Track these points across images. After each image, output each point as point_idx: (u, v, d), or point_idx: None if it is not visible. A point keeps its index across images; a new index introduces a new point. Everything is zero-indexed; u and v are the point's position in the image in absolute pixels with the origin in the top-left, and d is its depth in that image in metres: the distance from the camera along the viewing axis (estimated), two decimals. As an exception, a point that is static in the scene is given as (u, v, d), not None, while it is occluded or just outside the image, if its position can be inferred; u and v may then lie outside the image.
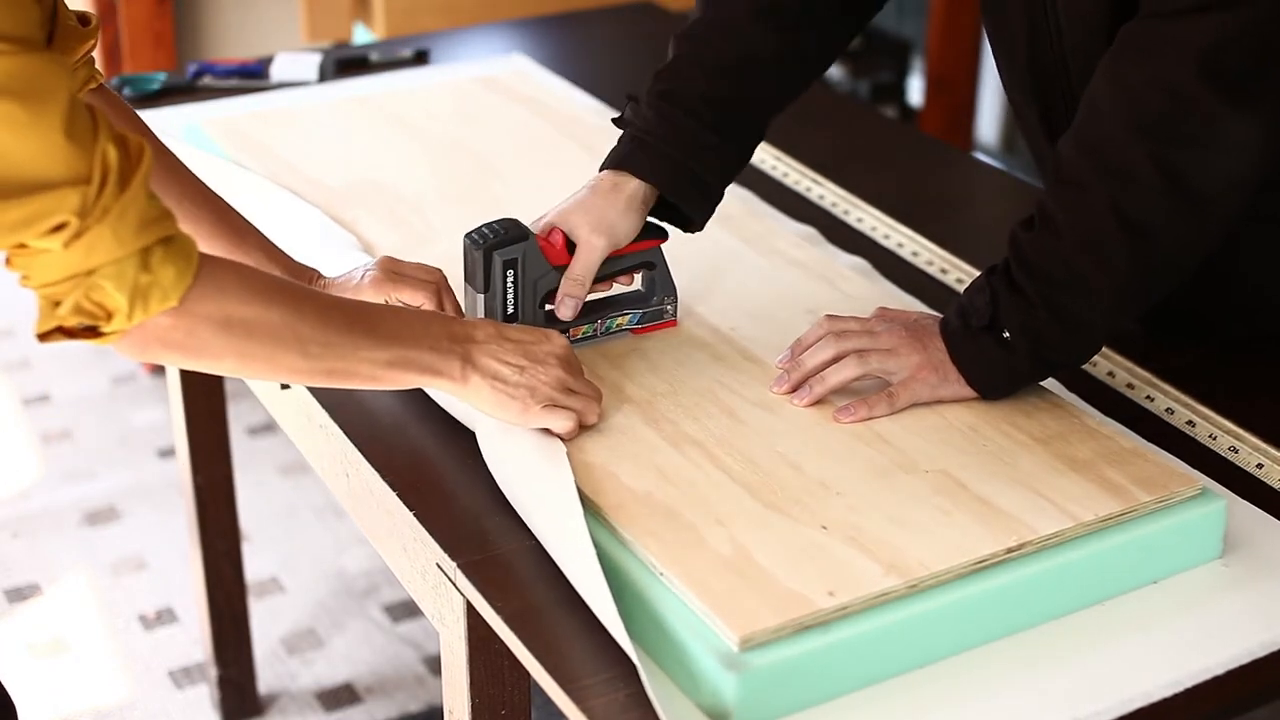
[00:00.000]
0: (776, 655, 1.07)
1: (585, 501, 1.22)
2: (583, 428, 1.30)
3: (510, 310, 1.40)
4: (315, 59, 2.15)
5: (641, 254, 1.45)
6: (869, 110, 2.55)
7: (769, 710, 1.07)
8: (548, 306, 1.43)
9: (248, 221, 1.44)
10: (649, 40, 2.41)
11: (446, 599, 1.26)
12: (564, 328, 1.44)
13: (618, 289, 1.49)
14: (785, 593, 1.11)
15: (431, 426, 1.38)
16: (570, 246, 1.41)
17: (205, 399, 2.06)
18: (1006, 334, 1.31)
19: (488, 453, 1.31)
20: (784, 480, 1.24)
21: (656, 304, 1.48)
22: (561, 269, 1.41)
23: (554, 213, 1.43)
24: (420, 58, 2.22)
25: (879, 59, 3.95)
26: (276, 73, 2.12)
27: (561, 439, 1.28)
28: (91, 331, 1.10)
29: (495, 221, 1.40)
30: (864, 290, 1.54)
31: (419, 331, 1.24)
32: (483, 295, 1.40)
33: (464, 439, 1.35)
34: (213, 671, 2.25)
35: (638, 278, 1.49)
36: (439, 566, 1.25)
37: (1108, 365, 1.51)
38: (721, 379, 1.39)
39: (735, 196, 1.77)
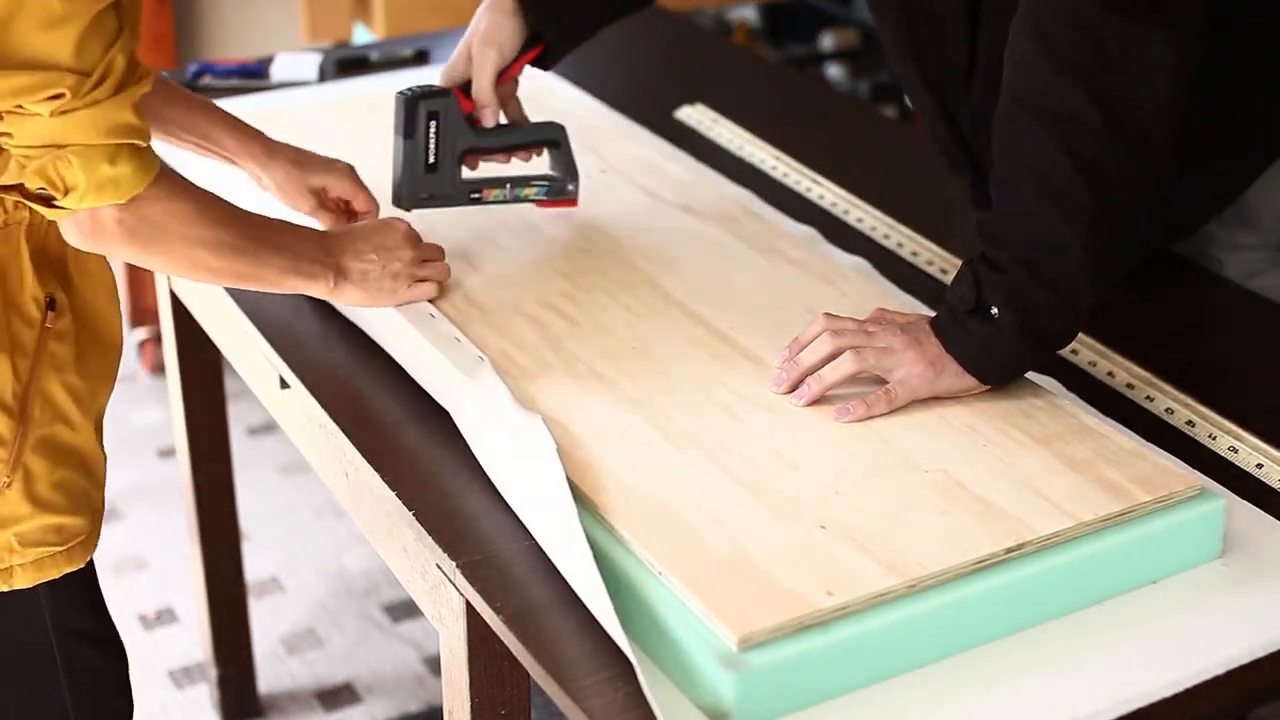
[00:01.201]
0: (775, 655, 1.07)
1: (583, 500, 1.22)
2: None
3: (431, 160, 1.57)
4: (315, 59, 2.15)
5: (544, 131, 1.63)
6: (869, 110, 2.55)
7: (768, 710, 1.07)
8: (466, 173, 1.60)
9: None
10: (649, 40, 2.41)
11: (446, 599, 1.26)
12: (476, 189, 1.61)
13: (526, 168, 1.65)
14: (784, 592, 1.11)
15: (431, 425, 1.38)
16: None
17: (205, 399, 2.07)
18: (994, 311, 1.31)
19: (479, 453, 1.31)
20: (783, 479, 1.24)
21: (560, 181, 1.65)
22: (477, 130, 1.58)
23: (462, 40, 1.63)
24: (420, 58, 2.22)
25: (879, 59, 3.95)
26: (276, 73, 2.12)
27: (551, 435, 1.27)
28: (46, 201, 1.24)
29: (425, 84, 1.58)
30: (864, 290, 1.54)
31: (306, 244, 1.43)
32: (407, 141, 1.56)
33: (463, 440, 1.35)
34: (213, 671, 2.25)
35: (546, 156, 1.65)
36: (439, 566, 1.25)
37: (1108, 365, 1.50)
38: (721, 378, 1.39)
39: (735, 196, 1.77)
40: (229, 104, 2.02)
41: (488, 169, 1.64)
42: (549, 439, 1.26)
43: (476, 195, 1.61)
